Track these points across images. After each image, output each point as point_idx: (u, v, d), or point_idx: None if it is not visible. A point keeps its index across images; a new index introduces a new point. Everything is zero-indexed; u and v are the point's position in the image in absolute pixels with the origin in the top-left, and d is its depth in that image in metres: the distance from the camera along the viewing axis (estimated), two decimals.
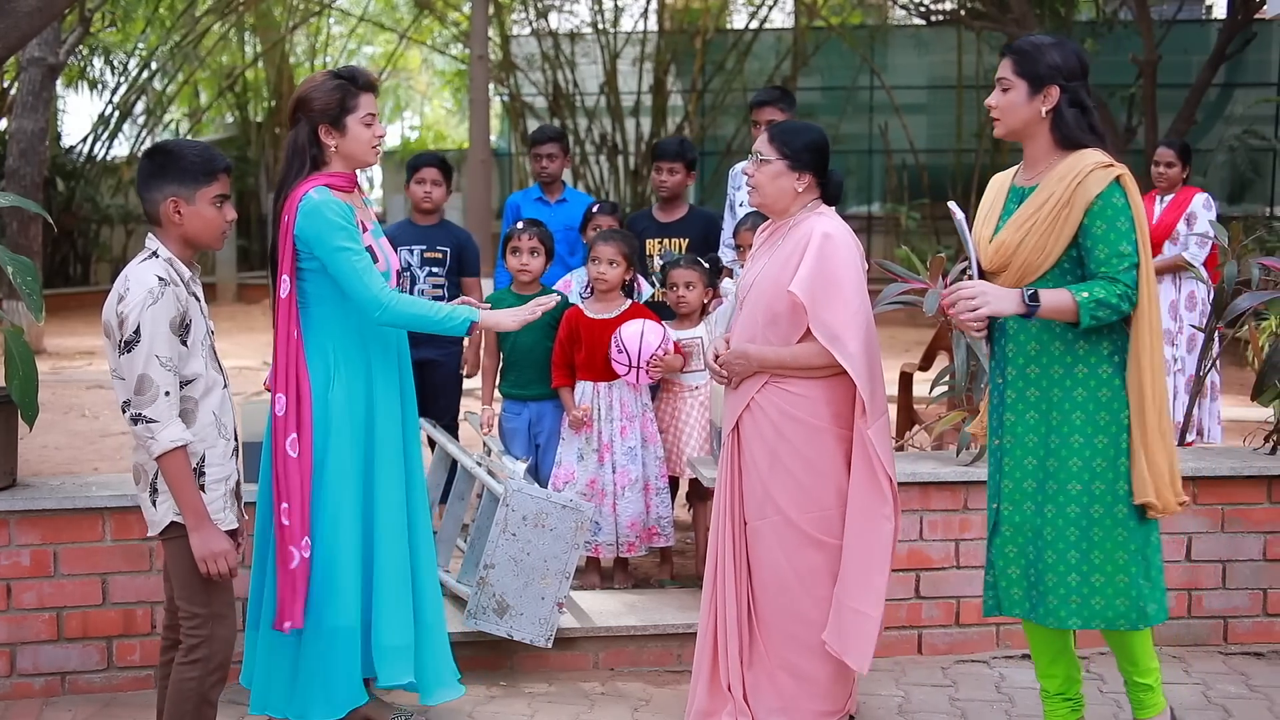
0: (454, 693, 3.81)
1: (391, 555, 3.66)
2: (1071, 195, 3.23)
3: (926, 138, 18.96)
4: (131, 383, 3.00)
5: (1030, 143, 3.38)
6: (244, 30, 20.91)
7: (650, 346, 4.67)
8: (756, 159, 3.66)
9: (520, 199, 6.35)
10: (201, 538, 3.07)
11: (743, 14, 20.45)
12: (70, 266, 18.34)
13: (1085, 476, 3.30)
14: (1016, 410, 3.40)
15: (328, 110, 3.61)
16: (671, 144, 5.83)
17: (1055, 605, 3.35)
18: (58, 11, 6.24)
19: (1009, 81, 3.33)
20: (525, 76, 20.10)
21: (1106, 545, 3.31)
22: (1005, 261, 3.34)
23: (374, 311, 3.54)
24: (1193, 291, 6.53)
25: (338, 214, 3.52)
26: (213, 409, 3.15)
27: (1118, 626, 3.34)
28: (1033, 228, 3.28)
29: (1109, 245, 3.22)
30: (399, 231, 5.68)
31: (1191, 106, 14.00)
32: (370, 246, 3.66)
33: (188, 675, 3.11)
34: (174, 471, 3.04)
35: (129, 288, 3.03)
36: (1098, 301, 3.19)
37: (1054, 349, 3.33)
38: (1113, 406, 3.29)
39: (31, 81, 12.27)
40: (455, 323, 3.63)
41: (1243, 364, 9.33)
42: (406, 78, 30.20)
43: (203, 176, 3.15)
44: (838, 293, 3.49)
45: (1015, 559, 3.42)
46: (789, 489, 3.57)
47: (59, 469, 6.95)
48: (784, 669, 3.64)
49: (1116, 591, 3.31)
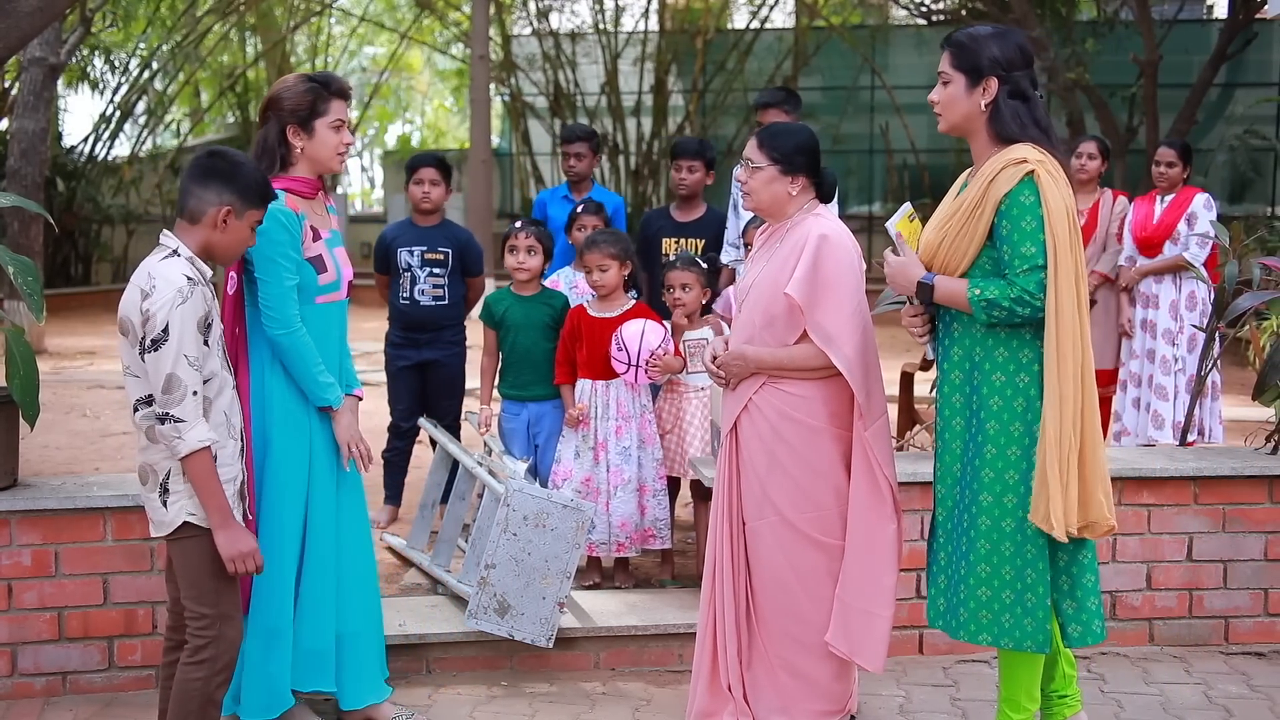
0: (377, 696, 3.79)
1: (318, 556, 3.66)
2: (984, 194, 3.18)
3: (927, 138, 18.97)
4: (159, 382, 2.98)
5: (973, 139, 3.31)
6: (245, 30, 20.92)
7: (650, 346, 4.67)
8: (748, 166, 3.65)
9: (548, 197, 6.37)
10: (229, 537, 3.06)
11: (744, 14, 20.47)
12: (71, 266, 18.34)
13: (996, 488, 3.22)
14: (944, 415, 3.37)
15: (297, 111, 3.63)
16: (691, 142, 5.83)
17: (966, 619, 3.29)
18: (59, 11, 6.23)
19: (948, 75, 3.28)
20: (526, 76, 20.12)
21: (1016, 562, 3.21)
22: (929, 261, 3.33)
23: (276, 329, 3.54)
24: (1193, 291, 6.53)
25: (282, 224, 3.53)
26: (224, 408, 3.15)
27: (1024, 649, 3.24)
28: (949, 228, 3.26)
29: (1011, 246, 3.14)
30: (400, 232, 5.68)
31: (1192, 106, 14.00)
32: (320, 255, 3.66)
33: (194, 676, 3.10)
34: (200, 471, 3.02)
35: (156, 285, 3.01)
36: (988, 301, 3.14)
37: (976, 354, 3.26)
38: (1026, 418, 3.19)
39: (33, 81, 12.27)
40: (320, 389, 3.59)
41: (1244, 364, 9.33)
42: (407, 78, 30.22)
43: (257, 199, 3.17)
44: (834, 295, 3.48)
45: (945, 567, 3.39)
46: (786, 489, 3.57)
47: (60, 469, 6.95)
48: (784, 669, 3.64)
49: (1024, 611, 3.21)
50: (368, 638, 3.80)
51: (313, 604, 3.65)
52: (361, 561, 3.79)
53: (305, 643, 3.65)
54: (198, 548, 3.10)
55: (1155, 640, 4.51)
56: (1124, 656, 4.43)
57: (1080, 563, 3.27)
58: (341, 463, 3.71)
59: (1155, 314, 6.60)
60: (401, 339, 5.66)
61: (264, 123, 3.67)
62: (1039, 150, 3.19)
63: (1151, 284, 6.64)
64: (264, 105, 3.68)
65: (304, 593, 3.65)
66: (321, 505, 3.67)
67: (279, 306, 3.54)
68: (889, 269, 3.38)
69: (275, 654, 3.59)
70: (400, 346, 5.67)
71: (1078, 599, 3.27)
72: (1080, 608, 3.27)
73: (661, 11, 19.74)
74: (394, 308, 5.67)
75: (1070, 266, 3.12)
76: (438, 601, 4.53)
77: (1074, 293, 3.12)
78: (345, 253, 3.81)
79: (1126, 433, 6.71)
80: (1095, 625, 3.29)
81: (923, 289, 3.29)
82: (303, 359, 3.57)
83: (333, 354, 3.71)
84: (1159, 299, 6.59)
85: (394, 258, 5.61)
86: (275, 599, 3.58)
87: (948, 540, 3.38)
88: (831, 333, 3.47)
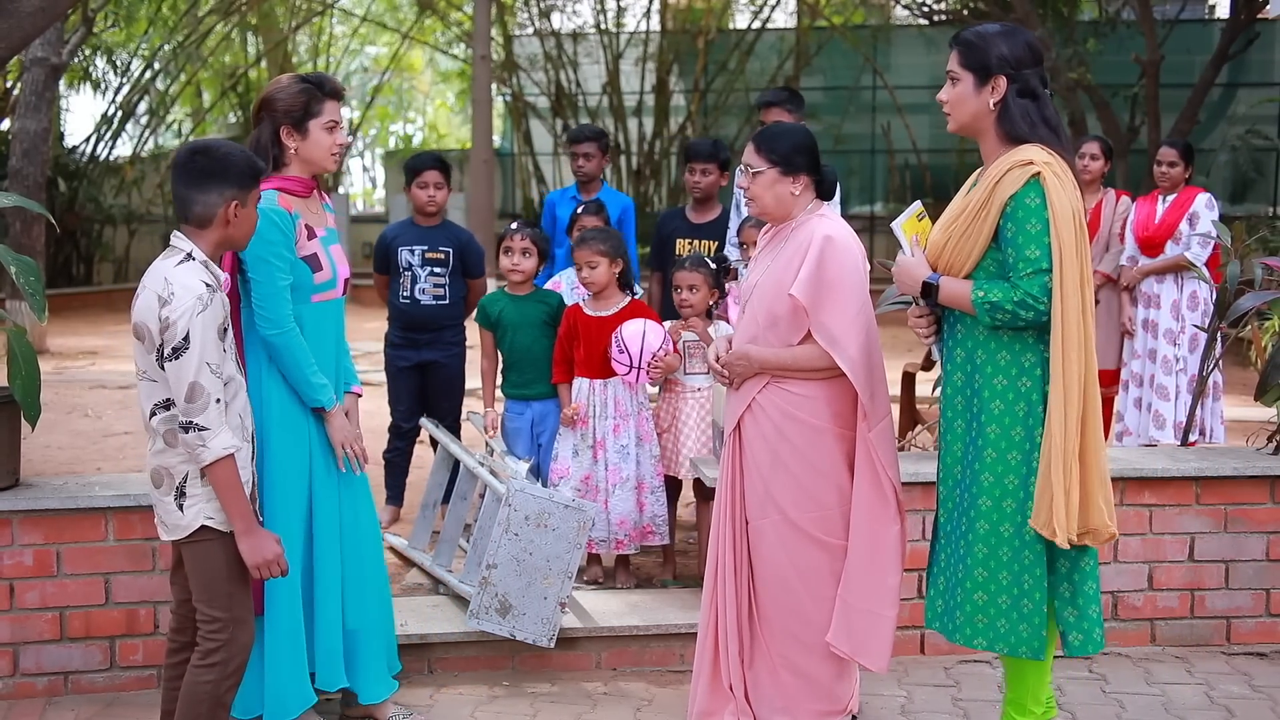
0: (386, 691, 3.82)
1: (325, 555, 3.67)
2: (990, 196, 3.16)
3: (929, 138, 18.97)
4: (181, 390, 2.96)
5: (982, 138, 3.29)
6: (246, 30, 20.92)
7: (651, 347, 4.67)
8: (748, 171, 3.63)
9: (557, 198, 6.37)
10: (254, 543, 3.05)
11: (745, 14, 20.47)
12: (73, 266, 18.34)
13: (996, 493, 3.19)
14: (947, 417, 3.36)
15: (291, 112, 3.63)
16: (704, 144, 5.83)
17: (962, 622, 3.28)
18: (61, 12, 6.24)
19: (956, 74, 3.26)
20: (528, 76, 20.12)
21: (1014, 567, 3.19)
22: (935, 261, 3.32)
23: (268, 329, 3.55)
24: (1195, 291, 6.52)
25: (275, 224, 3.53)
26: (239, 411, 3.14)
27: (1019, 654, 3.22)
28: (955, 228, 3.25)
29: (1016, 249, 3.12)
30: (401, 232, 5.68)
31: (1194, 106, 13.99)
32: (316, 254, 3.67)
33: (204, 679, 3.09)
34: (225, 478, 3.01)
35: (174, 292, 2.98)
36: (992, 303, 3.12)
37: (978, 356, 3.24)
38: (1028, 422, 3.16)
39: (34, 81, 12.28)
40: (312, 390, 3.59)
41: (1246, 364, 9.32)
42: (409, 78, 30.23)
43: (250, 179, 3.15)
44: (838, 296, 3.48)
45: (944, 569, 3.38)
46: (789, 488, 3.57)
47: (62, 469, 6.95)
48: (786, 668, 3.64)
49: (1021, 617, 3.19)
50: (381, 633, 3.82)
51: (323, 603, 3.66)
52: (371, 557, 3.81)
53: (323, 641, 3.66)
54: (214, 551, 3.08)
55: (1157, 640, 4.51)
56: (1126, 657, 4.43)
57: (1082, 570, 3.24)
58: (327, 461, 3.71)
59: (1157, 314, 6.59)
60: (401, 339, 5.66)
61: (257, 123, 3.67)
62: (1047, 151, 3.16)
63: (1153, 284, 6.63)
64: (257, 105, 3.69)
65: (317, 592, 3.66)
66: (325, 504, 3.67)
67: (271, 306, 3.55)
68: (895, 268, 3.38)
69: (295, 654, 3.60)
70: (400, 347, 5.67)
71: (1079, 606, 3.24)
72: (1081, 615, 3.24)
73: (663, 11, 19.75)
74: (394, 307, 5.67)
75: (1075, 271, 3.08)
76: (439, 601, 4.53)
77: (1079, 297, 3.08)
78: (342, 251, 3.81)
79: (1129, 433, 6.71)
80: (1096, 634, 3.26)
81: (928, 289, 3.28)
82: (295, 359, 3.57)
83: (330, 352, 3.71)
84: (1161, 299, 6.59)
85: (394, 257, 5.60)
86: (285, 600, 3.58)
87: (947, 542, 3.37)
88: (836, 334, 3.46)
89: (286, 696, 3.60)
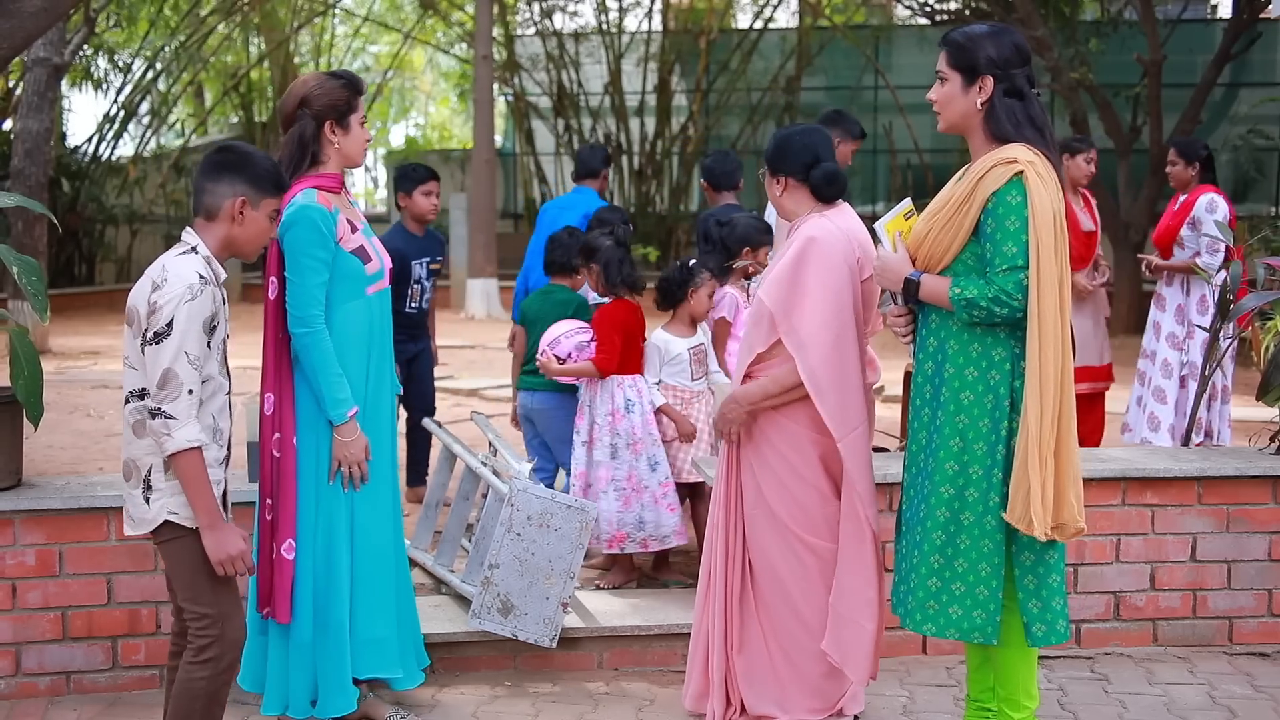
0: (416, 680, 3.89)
1: (374, 548, 3.69)
2: (972, 191, 3.18)
3: (931, 137, 18.94)
4: (155, 375, 2.96)
5: (970, 137, 3.31)
6: (248, 30, 20.92)
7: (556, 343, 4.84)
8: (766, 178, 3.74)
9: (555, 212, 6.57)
10: (217, 539, 3.04)
11: (747, 14, 20.47)
12: (75, 266, 18.34)
13: (960, 481, 3.22)
14: (914, 405, 3.39)
15: (336, 106, 3.63)
16: None
17: (913, 608, 3.31)
18: (63, 12, 6.24)
19: (945, 74, 3.29)
20: (530, 76, 20.11)
21: (971, 555, 3.22)
22: (915, 251, 3.34)
23: (298, 328, 3.54)
24: (1204, 295, 6.43)
25: (315, 222, 3.53)
26: (213, 412, 3.13)
27: (971, 639, 3.24)
28: (937, 220, 3.27)
29: (994, 245, 3.15)
30: (406, 244, 5.73)
31: (1196, 106, 13.97)
32: (363, 246, 3.67)
33: (197, 675, 3.09)
34: (190, 471, 3.00)
35: (167, 278, 2.99)
36: (968, 300, 3.15)
37: (950, 347, 3.27)
38: (994, 415, 3.20)
39: (36, 81, 12.29)
40: (335, 401, 3.56)
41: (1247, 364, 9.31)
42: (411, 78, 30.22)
43: (271, 187, 3.16)
44: (808, 300, 3.48)
45: (905, 554, 3.41)
46: (775, 489, 3.62)
47: (64, 469, 6.96)
48: (783, 661, 3.69)
49: (975, 604, 3.21)
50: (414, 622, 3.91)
51: (373, 595, 3.69)
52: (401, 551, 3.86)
53: (364, 632, 3.67)
54: (185, 549, 3.08)
55: (1159, 641, 4.51)
56: (1128, 657, 4.43)
57: (1047, 563, 3.26)
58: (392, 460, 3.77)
59: (1161, 315, 6.58)
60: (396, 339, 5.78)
61: (293, 121, 3.64)
62: (1032, 150, 3.19)
63: (1161, 284, 6.62)
64: (293, 104, 3.64)
65: (361, 584, 3.67)
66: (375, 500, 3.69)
67: (302, 305, 3.53)
68: (877, 264, 3.41)
69: (345, 648, 3.63)
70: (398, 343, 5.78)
71: (1043, 598, 3.26)
72: (1045, 607, 3.26)
73: (665, 11, 19.75)
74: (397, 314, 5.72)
75: (1053, 270, 3.11)
76: (441, 601, 4.53)
77: (1056, 296, 3.12)
78: (380, 242, 3.83)
79: (1129, 429, 6.71)
80: (1060, 625, 3.28)
81: (909, 285, 3.31)
82: (322, 360, 3.53)
83: (386, 344, 3.74)
84: (1166, 301, 6.57)
85: (410, 271, 5.68)
86: (338, 597, 3.62)
87: (908, 529, 3.40)
88: (802, 337, 3.47)
89: (343, 691, 3.64)
